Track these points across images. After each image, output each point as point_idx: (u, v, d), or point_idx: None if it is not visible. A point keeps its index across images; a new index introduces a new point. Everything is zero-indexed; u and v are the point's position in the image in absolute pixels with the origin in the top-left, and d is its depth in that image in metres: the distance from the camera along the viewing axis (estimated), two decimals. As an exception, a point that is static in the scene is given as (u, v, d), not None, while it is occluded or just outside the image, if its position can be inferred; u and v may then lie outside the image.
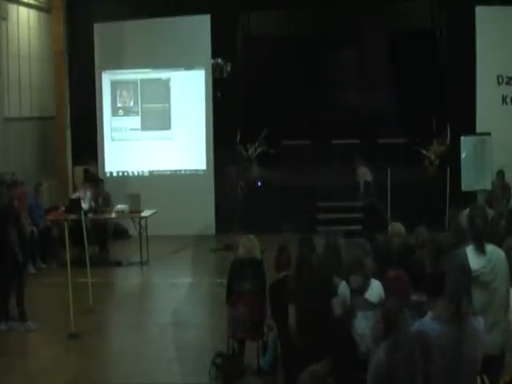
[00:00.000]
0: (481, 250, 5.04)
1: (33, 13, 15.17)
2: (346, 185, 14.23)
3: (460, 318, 3.34)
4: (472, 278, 5.00)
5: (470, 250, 5.09)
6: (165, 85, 15.09)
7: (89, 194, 12.99)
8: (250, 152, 15.28)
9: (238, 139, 15.21)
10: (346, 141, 16.16)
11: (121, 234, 14.30)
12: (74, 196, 13.00)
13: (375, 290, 5.67)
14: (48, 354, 8.05)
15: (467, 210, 5.47)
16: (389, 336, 4.28)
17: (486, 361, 4.42)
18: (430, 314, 3.53)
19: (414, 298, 5.28)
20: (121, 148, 15.27)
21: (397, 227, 7.28)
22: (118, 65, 15.08)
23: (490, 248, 5.09)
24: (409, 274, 5.52)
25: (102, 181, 14.03)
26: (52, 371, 7.42)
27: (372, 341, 4.50)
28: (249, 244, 7.14)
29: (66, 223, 9.45)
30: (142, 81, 15.13)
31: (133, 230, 13.33)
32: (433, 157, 14.75)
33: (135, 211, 12.75)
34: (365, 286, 5.67)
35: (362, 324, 5.42)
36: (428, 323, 3.44)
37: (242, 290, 6.89)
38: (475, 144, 13.14)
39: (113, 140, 15.29)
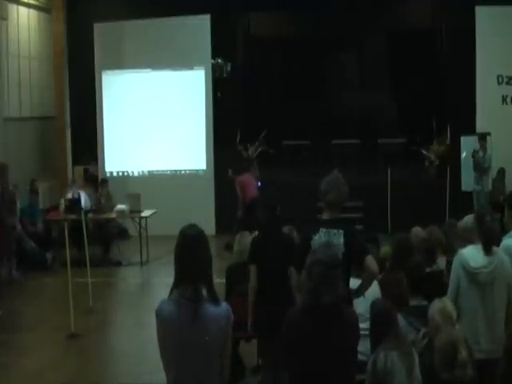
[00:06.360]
0: (487, 249, 5.01)
1: (33, 13, 15.17)
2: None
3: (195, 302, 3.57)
4: (471, 276, 5.01)
5: (474, 248, 5.07)
6: (165, 85, 15.10)
7: (84, 194, 12.93)
8: (250, 152, 15.26)
9: (237, 139, 15.20)
10: (345, 141, 16.13)
11: (121, 233, 14.29)
12: (67, 197, 12.87)
13: (374, 292, 5.63)
14: (48, 354, 8.04)
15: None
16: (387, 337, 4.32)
17: (483, 365, 4.40)
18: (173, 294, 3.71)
19: (413, 302, 5.26)
20: (121, 148, 15.28)
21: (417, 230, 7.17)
22: (118, 65, 15.08)
23: (494, 250, 5.06)
24: (407, 278, 5.47)
25: (106, 181, 13.97)
26: (52, 371, 7.41)
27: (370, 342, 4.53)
28: (243, 241, 7.18)
29: (65, 223, 9.45)
30: (142, 81, 15.14)
31: (133, 230, 13.33)
32: (433, 157, 14.74)
33: (135, 211, 12.75)
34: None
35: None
36: (164, 303, 3.66)
37: (241, 291, 6.88)
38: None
39: (113, 140, 15.30)
